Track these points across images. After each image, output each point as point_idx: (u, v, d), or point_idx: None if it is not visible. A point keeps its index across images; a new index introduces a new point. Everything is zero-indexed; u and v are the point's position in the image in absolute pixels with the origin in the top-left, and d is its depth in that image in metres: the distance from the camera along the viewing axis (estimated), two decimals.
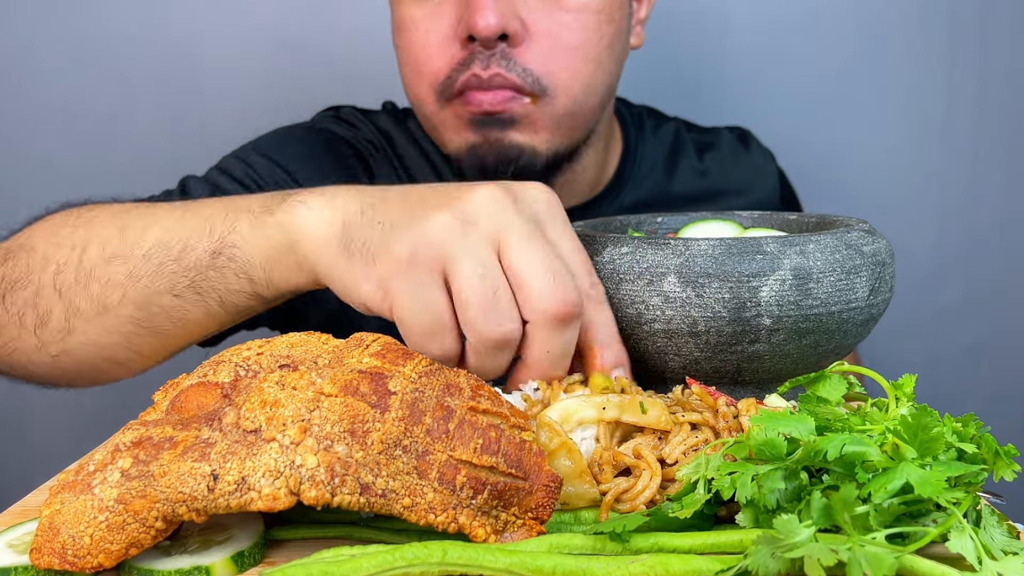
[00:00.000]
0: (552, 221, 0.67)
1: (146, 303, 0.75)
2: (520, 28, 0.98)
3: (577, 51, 1.01)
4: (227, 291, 0.73)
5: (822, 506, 0.44)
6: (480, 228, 0.63)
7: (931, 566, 0.43)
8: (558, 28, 1.00)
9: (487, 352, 0.63)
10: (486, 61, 0.98)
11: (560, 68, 1.01)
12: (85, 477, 0.49)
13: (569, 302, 0.62)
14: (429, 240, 0.62)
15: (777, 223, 0.81)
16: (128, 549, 0.47)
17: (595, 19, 1.01)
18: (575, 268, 0.65)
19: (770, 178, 1.27)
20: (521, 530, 0.50)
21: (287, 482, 0.46)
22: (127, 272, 0.75)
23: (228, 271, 0.72)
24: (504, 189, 0.65)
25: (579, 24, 1.01)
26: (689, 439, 0.56)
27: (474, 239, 0.62)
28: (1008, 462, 0.47)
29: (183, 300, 0.75)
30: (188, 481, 0.46)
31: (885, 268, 0.68)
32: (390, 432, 0.48)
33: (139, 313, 0.76)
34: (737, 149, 1.28)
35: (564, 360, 0.65)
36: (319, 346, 0.57)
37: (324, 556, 0.47)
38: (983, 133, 1.55)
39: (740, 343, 0.65)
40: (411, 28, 1.03)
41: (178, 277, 0.74)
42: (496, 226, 0.63)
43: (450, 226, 0.62)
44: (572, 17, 1.00)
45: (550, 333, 0.63)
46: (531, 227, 0.64)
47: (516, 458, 0.50)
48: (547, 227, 0.66)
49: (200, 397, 0.53)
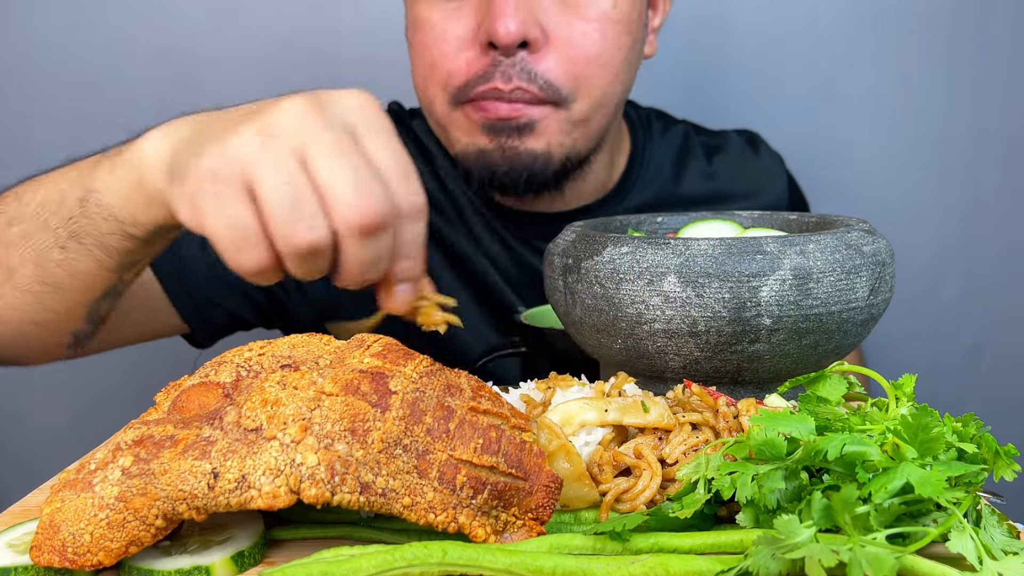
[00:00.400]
0: (367, 130, 0.65)
1: (40, 259, 0.79)
2: (540, 35, 0.98)
3: (596, 60, 1.02)
4: (100, 235, 0.76)
5: (823, 506, 0.44)
6: (282, 140, 0.62)
7: (931, 566, 0.43)
8: (578, 36, 1.00)
9: (297, 261, 0.63)
10: (507, 74, 0.99)
11: (578, 76, 1.01)
12: (86, 475, 0.49)
13: (372, 212, 0.61)
14: (231, 155, 0.62)
15: (777, 223, 0.81)
16: (128, 547, 0.47)
17: (614, 29, 1.02)
18: (389, 177, 0.64)
19: (779, 182, 1.27)
20: (521, 530, 0.50)
21: (287, 480, 0.46)
22: (22, 233, 0.80)
23: (97, 216, 0.75)
24: (311, 101, 0.64)
25: (599, 33, 1.01)
26: (689, 439, 0.56)
27: (276, 151, 0.61)
28: (1008, 462, 0.47)
29: (68, 251, 0.78)
30: (188, 479, 0.46)
31: (885, 268, 0.68)
32: (390, 431, 0.48)
33: (37, 271, 0.80)
34: (746, 152, 1.28)
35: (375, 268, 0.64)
36: (321, 347, 0.57)
37: (324, 556, 0.47)
38: (983, 133, 1.55)
39: (740, 343, 0.65)
40: (427, 29, 1.03)
41: (60, 230, 0.77)
42: (300, 138, 0.62)
43: (252, 140, 0.62)
44: (592, 26, 1.01)
45: (357, 242, 0.62)
46: (339, 138, 0.62)
47: (516, 458, 0.50)
48: (361, 137, 0.64)
49: (201, 397, 0.53)
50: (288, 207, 0.60)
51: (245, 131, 0.63)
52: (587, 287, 0.68)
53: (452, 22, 1.01)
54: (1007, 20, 1.51)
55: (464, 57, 1.00)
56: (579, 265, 0.69)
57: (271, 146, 0.62)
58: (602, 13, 1.01)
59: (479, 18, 0.99)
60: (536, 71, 0.99)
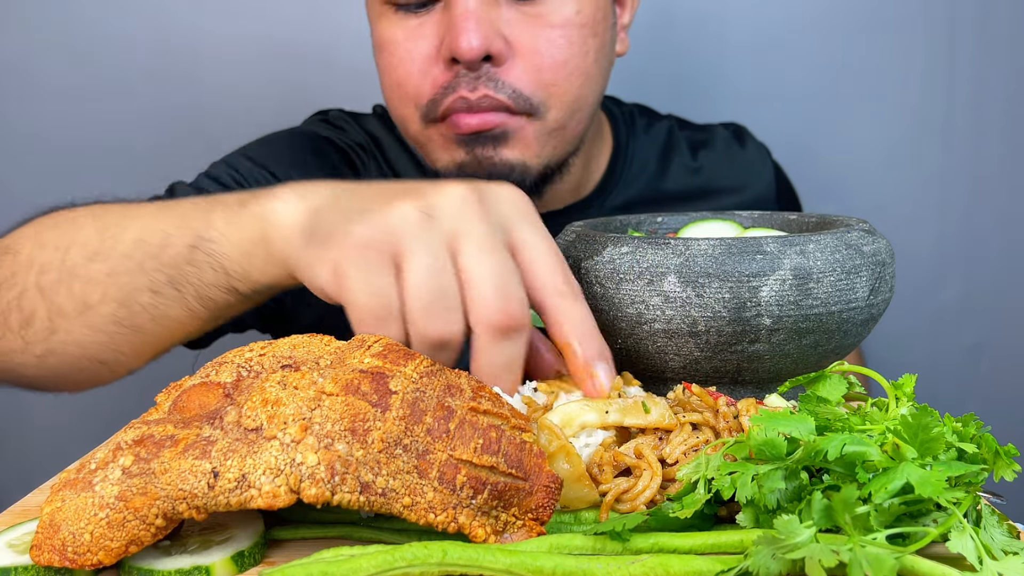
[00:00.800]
0: (521, 224, 0.65)
1: (126, 300, 0.75)
2: (504, 47, 0.97)
3: (564, 66, 1.00)
4: (204, 286, 0.73)
5: (823, 507, 0.44)
6: (440, 224, 0.62)
7: (932, 566, 0.43)
8: (543, 44, 0.98)
9: (426, 349, 0.62)
10: (473, 83, 0.97)
11: (548, 84, 0.99)
12: (86, 475, 0.49)
13: (510, 313, 0.61)
14: (386, 227, 0.62)
15: (777, 223, 0.81)
16: (128, 546, 0.47)
17: (579, 33, 1.00)
18: (546, 268, 0.64)
19: (765, 174, 1.26)
20: (521, 531, 0.50)
21: (287, 480, 0.46)
22: (108, 270, 0.76)
23: (205, 265, 0.72)
24: (474, 191, 0.64)
25: (564, 39, 0.99)
26: (690, 439, 0.56)
27: (432, 233, 0.62)
28: (1008, 462, 0.47)
29: (162, 296, 0.75)
30: (188, 478, 0.46)
31: (885, 268, 0.68)
32: (391, 431, 0.48)
33: (120, 311, 0.76)
34: (732, 146, 1.27)
35: (508, 372, 0.63)
36: (321, 347, 0.57)
37: (324, 556, 0.47)
38: (983, 133, 1.55)
39: (740, 343, 0.65)
40: (391, 48, 1.01)
41: (157, 273, 0.74)
42: (457, 226, 0.62)
43: (410, 217, 0.62)
44: (557, 33, 0.99)
45: (490, 342, 0.62)
46: (492, 233, 0.63)
47: (516, 458, 0.50)
48: (514, 231, 0.65)
49: (202, 397, 0.53)
50: (431, 295, 0.60)
51: (405, 206, 0.63)
52: (587, 287, 0.68)
53: (415, 40, 0.99)
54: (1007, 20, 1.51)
55: (430, 75, 0.99)
56: (579, 265, 0.69)
57: (429, 227, 0.62)
58: (566, 19, 0.99)
59: (441, 34, 0.98)
60: (503, 81, 0.97)
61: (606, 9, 1.05)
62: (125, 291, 0.75)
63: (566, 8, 0.99)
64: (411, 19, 1.00)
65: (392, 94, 1.04)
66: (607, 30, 1.05)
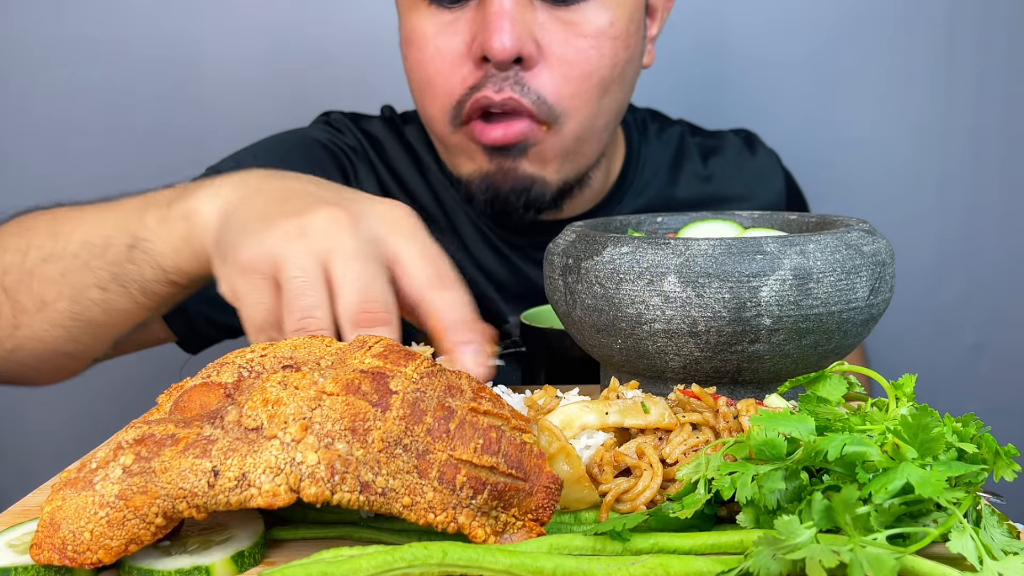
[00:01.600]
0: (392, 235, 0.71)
1: (78, 297, 0.83)
2: (535, 51, 0.96)
3: (590, 78, 0.99)
4: (145, 281, 0.80)
5: (823, 507, 0.44)
6: (312, 241, 0.68)
7: (932, 566, 0.43)
8: (574, 54, 0.98)
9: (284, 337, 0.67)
10: (499, 83, 0.96)
11: (572, 95, 0.99)
12: (87, 474, 0.49)
13: (369, 310, 0.66)
14: (266, 248, 0.68)
15: (777, 223, 0.81)
16: (128, 545, 0.47)
17: (612, 46, 1.00)
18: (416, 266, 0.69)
19: (776, 182, 1.26)
20: (521, 531, 0.50)
21: (287, 479, 0.46)
22: (60, 270, 0.83)
23: (143, 263, 0.79)
24: (345, 211, 0.70)
25: (596, 51, 0.99)
26: (690, 439, 0.56)
27: (303, 250, 0.67)
28: (1008, 462, 0.47)
29: (109, 292, 0.82)
30: (189, 477, 0.46)
31: (885, 268, 0.68)
32: (391, 431, 0.48)
33: (74, 307, 0.83)
34: (743, 153, 1.26)
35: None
36: (322, 348, 0.57)
37: (324, 556, 0.47)
38: (983, 133, 1.55)
39: (740, 343, 0.65)
40: (422, 44, 1.00)
41: (102, 272, 0.81)
42: (327, 243, 0.68)
43: (287, 235, 0.68)
44: (589, 43, 0.98)
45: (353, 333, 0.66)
46: (358, 246, 0.68)
47: (516, 459, 0.50)
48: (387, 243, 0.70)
49: (203, 397, 0.53)
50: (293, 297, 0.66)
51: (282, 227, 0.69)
52: (587, 287, 0.68)
53: (447, 36, 0.99)
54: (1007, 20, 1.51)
55: (459, 73, 0.98)
56: (579, 265, 0.69)
57: (301, 244, 0.68)
58: (599, 30, 0.98)
59: (474, 32, 0.97)
60: (529, 86, 0.97)
61: (639, 22, 1.04)
62: (76, 288, 0.83)
63: (600, 18, 0.98)
64: (444, 14, 0.99)
65: (421, 92, 1.03)
66: (638, 43, 1.05)
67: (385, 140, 1.19)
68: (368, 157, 1.18)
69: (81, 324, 0.85)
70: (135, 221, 0.80)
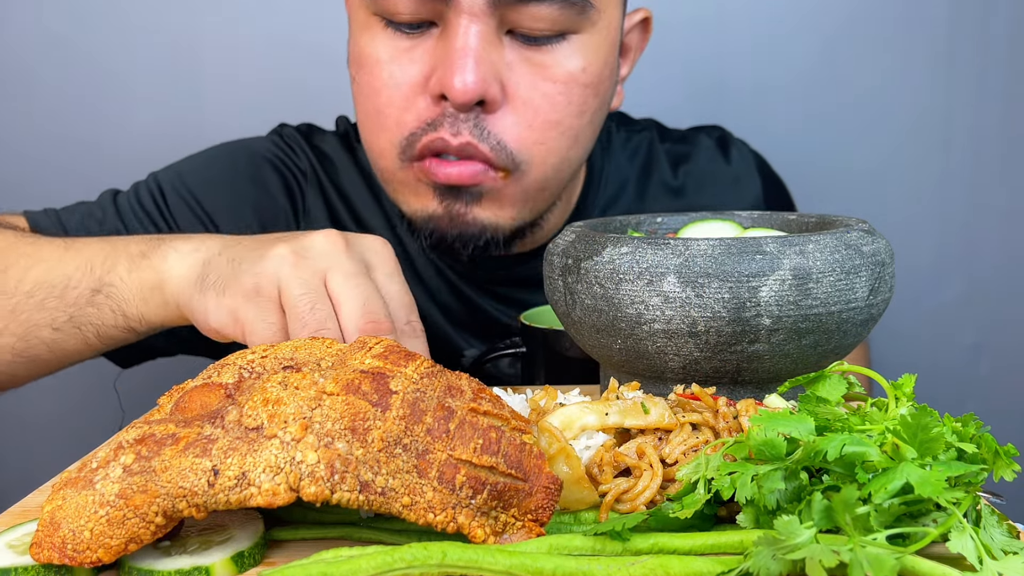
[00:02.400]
0: (381, 266, 0.74)
1: (26, 335, 0.83)
2: (499, 94, 0.88)
3: (557, 125, 0.92)
4: (103, 325, 0.81)
5: (823, 507, 0.44)
6: (312, 261, 0.71)
7: (932, 566, 0.43)
8: (540, 99, 0.90)
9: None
10: (457, 126, 0.88)
11: (535, 142, 0.91)
12: (87, 473, 0.49)
13: (374, 319, 0.69)
14: (268, 271, 0.71)
15: (777, 223, 0.81)
16: (127, 544, 0.47)
17: (582, 93, 0.92)
18: (394, 305, 0.73)
19: (751, 189, 1.18)
20: (520, 532, 0.50)
21: (287, 478, 0.46)
22: (10, 308, 0.82)
23: (105, 307, 0.80)
24: (340, 235, 0.73)
25: (564, 97, 0.91)
26: (689, 439, 0.56)
27: (303, 268, 0.70)
28: (1008, 462, 0.47)
29: (62, 333, 0.82)
30: (189, 476, 0.47)
31: (885, 268, 0.68)
32: (391, 430, 0.48)
33: (19, 344, 0.83)
34: (715, 160, 1.18)
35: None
36: (323, 349, 0.57)
37: (323, 557, 0.47)
38: (983, 133, 1.55)
39: (740, 343, 0.65)
40: (374, 69, 0.91)
41: (58, 312, 0.81)
42: (325, 262, 0.71)
43: (286, 258, 0.71)
44: (557, 89, 0.90)
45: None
46: (356, 267, 0.72)
47: (516, 459, 0.50)
48: (375, 271, 0.74)
49: (204, 397, 0.53)
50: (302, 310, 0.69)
51: (280, 249, 0.72)
52: (587, 287, 0.68)
53: (402, 64, 0.89)
54: (1007, 20, 1.51)
55: (414, 108, 0.90)
56: (579, 265, 0.69)
57: (302, 264, 0.71)
58: (570, 75, 0.91)
59: (433, 64, 0.88)
60: (490, 131, 0.89)
61: (612, 65, 0.97)
62: (25, 327, 0.82)
63: (572, 62, 0.91)
64: (402, 39, 0.90)
65: (369, 122, 0.94)
66: (608, 88, 0.98)
67: (338, 160, 1.13)
68: (319, 181, 1.12)
69: (21, 361, 0.85)
70: (102, 266, 0.81)
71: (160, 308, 0.78)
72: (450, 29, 0.87)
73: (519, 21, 0.88)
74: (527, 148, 0.91)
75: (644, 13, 1.06)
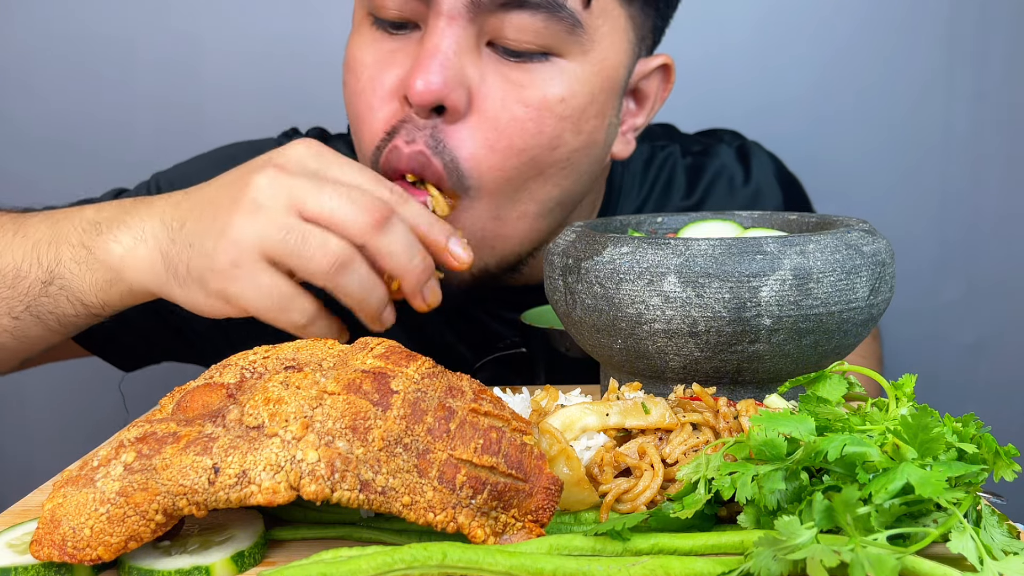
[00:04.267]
0: (325, 166, 0.72)
1: None
2: (462, 102, 0.82)
3: (520, 154, 0.84)
4: (63, 315, 0.79)
5: (824, 507, 0.44)
6: (270, 208, 0.68)
7: (932, 566, 0.43)
8: (508, 120, 0.83)
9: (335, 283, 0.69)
10: (412, 133, 0.83)
11: (491, 167, 0.83)
12: (89, 472, 0.49)
13: (376, 207, 0.68)
14: (239, 242, 0.68)
15: (777, 223, 0.81)
16: (127, 542, 0.47)
17: (555, 124, 0.84)
18: (366, 185, 0.71)
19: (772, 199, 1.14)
20: (520, 532, 0.50)
21: (287, 476, 0.46)
22: None
23: (60, 298, 0.78)
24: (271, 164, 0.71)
25: (535, 124, 0.83)
26: (690, 439, 0.56)
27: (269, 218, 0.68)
28: (1008, 462, 0.47)
29: (21, 321, 0.80)
30: (189, 474, 0.47)
31: (885, 268, 0.68)
32: (391, 430, 0.48)
33: None
34: (735, 176, 1.13)
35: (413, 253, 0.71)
36: (325, 350, 0.58)
37: (323, 557, 0.47)
38: (983, 133, 1.55)
39: (740, 343, 0.65)
40: (358, 71, 0.88)
41: (14, 302, 0.79)
42: (282, 198, 0.69)
43: (247, 220, 0.68)
44: (528, 114, 0.83)
45: (381, 239, 0.68)
46: (308, 179, 0.69)
47: (517, 459, 0.50)
48: (324, 172, 0.72)
49: (206, 397, 0.53)
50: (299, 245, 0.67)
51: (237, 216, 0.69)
52: (587, 287, 0.68)
53: (382, 67, 0.86)
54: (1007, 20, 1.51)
55: (384, 111, 0.85)
56: (579, 265, 0.69)
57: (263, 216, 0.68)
58: (544, 101, 0.83)
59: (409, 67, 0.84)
60: (446, 144, 0.82)
61: (604, 106, 0.89)
62: None
63: (551, 87, 0.84)
64: (387, 41, 0.86)
65: (353, 127, 0.91)
66: (599, 130, 0.89)
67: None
68: None
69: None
70: (48, 255, 0.78)
71: (126, 296, 0.77)
72: (427, 31, 0.83)
73: (501, 31, 0.82)
74: (480, 171, 0.83)
75: (663, 59, 0.97)
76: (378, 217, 0.68)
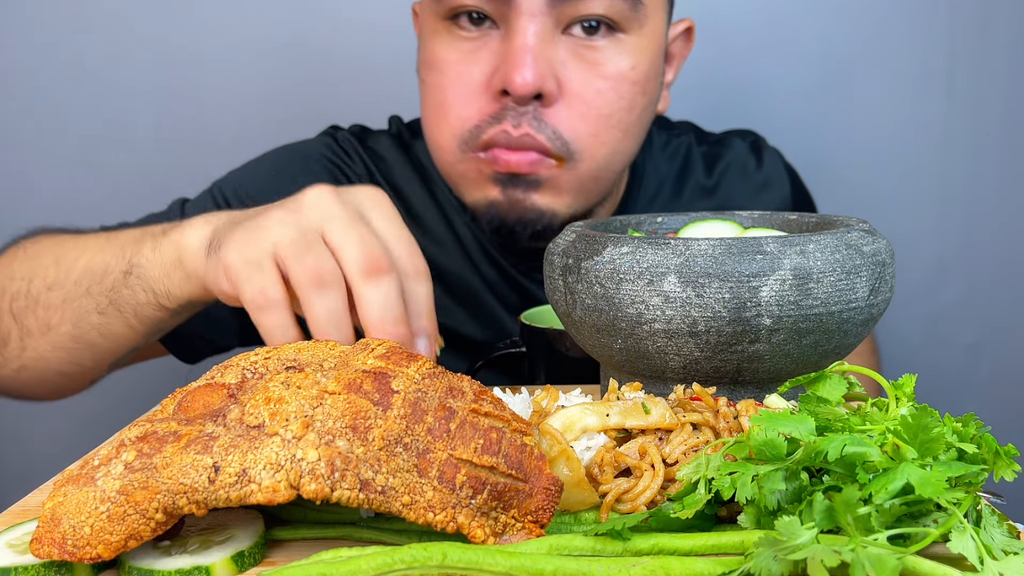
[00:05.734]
0: (375, 211, 0.75)
1: (79, 322, 0.89)
2: (555, 88, 0.97)
3: (608, 119, 1.00)
4: (138, 304, 0.85)
5: (824, 508, 0.44)
6: (304, 215, 0.72)
7: (933, 566, 0.43)
8: (592, 94, 0.98)
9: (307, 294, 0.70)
10: (518, 118, 0.97)
11: (589, 134, 0.99)
12: (89, 470, 0.49)
13: (377, 258, 0.70)
14: (262, 227, 0.72)
15: (777, 223, 0.81)
16: (127, 541, 0.47)
17: (631, 90, 1.00)
18: (394, 246, 0.74)
19: (781, 189, 1.25)
20: (520, 533, 0.50)
21: (287, 475, 0.46)
22: (63, 297, 0.89)
23: (137, 287, 0.84)
24: (329, 189, 0.75)
25: (615, 93, 0.99)
26: (690, 439, 0.56)
27: (297, 223, 0.72)
28: (1008, 462, 0.47)
29: (107, 316, 0.87)
30: (190, 472, 0.47)
31: (885, 268, 0.68)
32: (391, 429, 0.48)
33: (75, 331, 0.89)
34: (748, 164, 1.25)
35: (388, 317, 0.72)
36: (326, 351, 0.58)
37: (323, 557, 0.47)
38: (983, 132, 1.55)
39: (740, 343, 0.65)
40: (443, 68, 1.01)
41: (101, 297, 0.86)
42: (319, 214, 0.72)
43: (279, 217, 0.72)
44: (608, 85, 0.99)
45: (364, 285, 0.70)
46: (351, 215, 0.73)
47: (517, 460, 0.50)
48: (370, 216, 0.75)
49: (207, 397, 0.53)
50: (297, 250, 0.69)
51: (275, 212, 0.73)
52: (587, 287, 0.68)
53: (468, 64, 0.99)
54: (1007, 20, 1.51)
55: (476, 103, 0.99)
56: (579, 265, 0.69)
57: (294, 220, 0.72)
58: (619, 72, 0.99)
59: (496, 63, 0.98)
60: (546, 122, 0.98)
61: (658, 67, 1.05)
62: (77, 314, 0.88)
63: (622, 61, 0.99)
64: (467, 41, 0.99)
65: (433, 116, 1.03)
66: (655, 89, 1.05)
67: (392, 159, 1.19)
68: (374, 182, 1.17)
69: (81, 347, 0.90)
70: (132, 249, 0.85)
71: (183, 282, 0.80)
72: (511, 29, 0.96)
73: (575, 17, 0.96)
74: (581, 139, 0.99)
75: (688, 23, 1.14)
76: (373, 266, 0.70)
